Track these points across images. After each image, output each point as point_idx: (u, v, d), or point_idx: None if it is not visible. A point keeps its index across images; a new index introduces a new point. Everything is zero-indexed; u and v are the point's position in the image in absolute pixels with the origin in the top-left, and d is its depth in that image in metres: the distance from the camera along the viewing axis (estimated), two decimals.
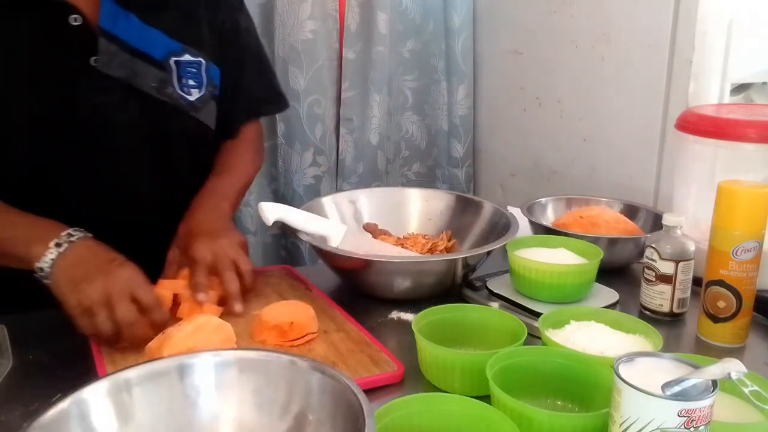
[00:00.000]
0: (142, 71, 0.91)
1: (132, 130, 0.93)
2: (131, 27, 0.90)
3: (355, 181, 1.71)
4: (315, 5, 1.54)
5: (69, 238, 0.79)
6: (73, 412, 0.53)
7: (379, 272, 0.93)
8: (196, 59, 0.96)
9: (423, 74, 1.80)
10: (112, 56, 0.88)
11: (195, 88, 0.96)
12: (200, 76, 0.97)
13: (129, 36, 0.90)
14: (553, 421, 0.60)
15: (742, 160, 0.95)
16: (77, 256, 0.78)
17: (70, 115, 0.88)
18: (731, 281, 0.81)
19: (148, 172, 0.97)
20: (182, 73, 0.94)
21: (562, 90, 1.51)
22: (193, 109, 0.97)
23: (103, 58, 0.88)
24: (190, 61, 0.95)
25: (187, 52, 0.95)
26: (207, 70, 0.98)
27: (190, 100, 0.96)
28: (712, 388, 0.52)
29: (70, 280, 0.76)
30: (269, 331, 0.79)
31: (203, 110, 0.99)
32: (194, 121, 0.98)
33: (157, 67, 0.92)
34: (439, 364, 0.72)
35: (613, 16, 1.35)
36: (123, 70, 0.89)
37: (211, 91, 0.99)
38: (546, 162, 1.60)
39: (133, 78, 0.90)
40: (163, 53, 0.93)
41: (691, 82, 1.20)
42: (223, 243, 0.88)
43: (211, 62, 0.98)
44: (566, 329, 0.77)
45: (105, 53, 0.88)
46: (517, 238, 0.96)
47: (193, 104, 0.96)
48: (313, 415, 0.56)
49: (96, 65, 0.88)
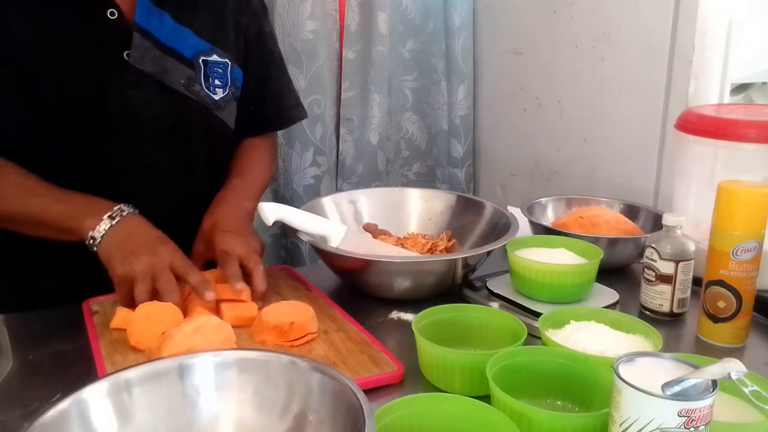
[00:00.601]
0: (172, 68, 0.93)
1: (158, 124, 0.95)
2: (164, 24, 0.92)
3: (355, 181, 1.71)
4: (315, 5, 1.54)
5: (121, 212, 0.87)
6: (73, 412, 0.53)
7: (379, 272, 0.93)
8: (222, 60, 0.98)
9: (423, 74, 1.80)
10: (145, 52, 0.91)
11: (220, 88, 0.99)
12: (226, 77, 0.99)
13: (161, 33, 0.92)
14: (553, 421, 0.60)
15: (742, 160, 0.95)
16: (127, 230, 0.86)
17: (100, 107, 0.90)
18: (731, 281, 0.81)
19: (169, 165, 0.99)
20: (209, 72, 0.97)
21: (562, 90, 1.51)
22: (217, 108, 0.99)
23: (136, 53, 0.90)
24: (217, 62, 0.98)
25: (215, 53, 0.97)
26: (232, 71, 1.00)
27: (215, 99, 0.99)
28: (712, 388, 0.52)
29: (119, 250, 0.84)
30: (269, 332, 0.79)
31: (226, 110, 1.01)
32: (216, 119, 1.00)
33: (186, 64, 0.95)
34: (439, 364, 0.72)
35: (613, 16, 1.35)
36: (154, 66, 0.92)
37: (234, 93, 1.02)
38: (546, 162, 1.60)
39: (163, 74, 0.93)
40: (192, 52, 0.95)
41: (691, 82, 1.20)
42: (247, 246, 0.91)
43: (235, 64, 1.01)
44: (566, 329, 0.77)
45: (138, 48, 0.90)
46: (517, 238, 0.96)
47: (217, 103, 0.99)
48: (313, 416, 0.56)
49: (129, 60, 0.90)
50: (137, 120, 0.93)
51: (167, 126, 0.96)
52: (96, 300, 0.90)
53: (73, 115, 0.90)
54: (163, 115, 0.95)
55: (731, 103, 1.21)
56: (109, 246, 0.85)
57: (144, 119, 0.93)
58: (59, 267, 0.97)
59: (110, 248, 0.85)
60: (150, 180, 0.98)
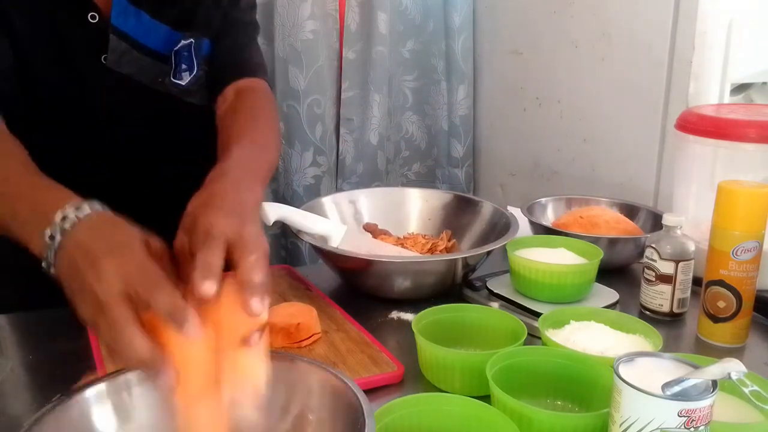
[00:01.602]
0: (147, 66, 0.92)
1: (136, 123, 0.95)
2: (141, 24, 0.91)
3: (355, 181, 1.71)
4: (315, 5, 1.54)
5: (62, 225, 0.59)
6: (73, 412, 0.53)
7: (379, 272, 0.93)
8: (186, 42, 0.94)
9: (423, 74, 1.80)
10: (122, 54, 0.89)
11: (186, 72, 0.95)
12: (191, 59, 0.96)
13: (138, 33, 0.90)
14: (553, 421, 0.60)
15: (742, 160, 0.95)
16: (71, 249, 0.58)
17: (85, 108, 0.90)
18: (731, 281, 0.81)
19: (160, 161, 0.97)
20: (178, 60, 0.94)
21: (562, 90, 1.51)
22: (187, 94, 0.96)
23: (113, 56, 0.89)
24: (183, 46, 0.94)
25: (182, 38, 0.94)
26: (197, 48, 0.96)
27: (182, 86, 0.95)
28: (712, 388, 0.52)
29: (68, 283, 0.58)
30: (276, 334, 0.79)
31: (198, 93, 0.97)
32: (187, 105, 0.97)
33: (163, 61, 0.93)
34: (439, 364, 0.72)
35: (613, 16, 1.35)
36: (130, 67, 0.90)
37: (205, 69, 0.97)
38: (546, 162, 1.60)
39: (139, 74, 0.91)
40: (168, 47, 0.93)
41: (691, 82, 1.20)
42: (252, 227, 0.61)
43: (203, 38, 0.96)
44: (566, 329, 0.77)
45: (115, 51, 0.89)
46: (517, 238, 0.96)
47: (186, 88, 0.96)
48: (313, 416, 0.56)
49: (107, 63, 0.89)
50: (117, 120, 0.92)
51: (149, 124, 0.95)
52: None
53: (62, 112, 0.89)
54: (144, 114, 0.94)
55: (731, 103, 1.20)
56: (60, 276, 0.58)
57: (127, 119, 0.93)
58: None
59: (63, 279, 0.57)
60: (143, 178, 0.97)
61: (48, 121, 0.90)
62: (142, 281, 0.53)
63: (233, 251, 0.57)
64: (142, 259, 0.55)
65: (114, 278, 0.53)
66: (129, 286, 0.53)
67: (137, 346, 0.51)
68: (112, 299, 0.52)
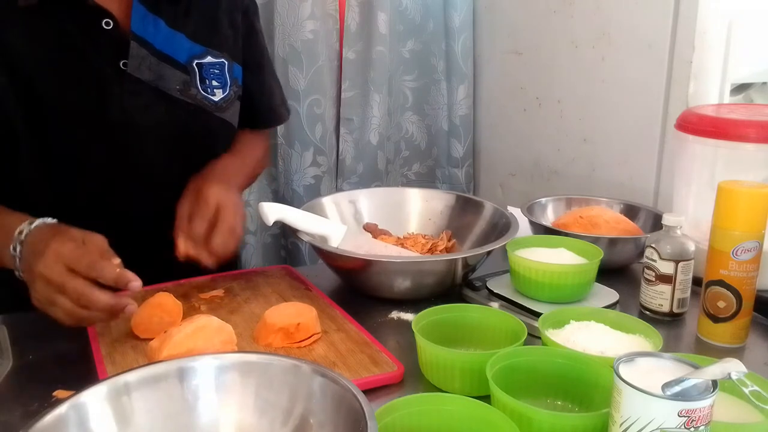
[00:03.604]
0: (167, 74, 0.93)
1: (158, 130, 0.95)
2: (159, 31, 0.92)
3: (355, 181, 1.71)
4: (315, 5, 1.54)
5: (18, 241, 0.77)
6: (72, 415, 0.53)
7: (379, 272, 0.93)
8: (218, 60, 0.98)
9: (423, 74, 1.80)
10: (142, 60, 0.90)
11: (219, 89, 0.98)
12: (224, 77, 0.99)
13: (156, 40, 0.92)
14: (553, 421, 0.60)
15: (742, 160, 0.95)
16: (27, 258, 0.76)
17: (100, 116, 0.90)
18: (731, 281, 0.81)
19: (175, 170, 0.98)
20: (205, 74, 0.97)
21: (562, 90, 1.51)
22: (218, 110, 0.99)
23: (133, 62, 0.90)
24: (213, 63, 0.97)
25: (209, 54, 0.97)
26: (230, 70, 1.00)
27: (214, 101, 0.98)
28: (712, 388, 0.52)
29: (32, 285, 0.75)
30: (275, 334, 0.79)
31: (229, 110, 1.01)
32: (218, 120, 1.00)
33: (181, 70, 0.94)
34: (439, 364, 0.72)
35: (613, 16, 1.35)
36: (150, 73, 0.91)
37: (236, 91, 1.02)
38: (546, 162, 1.60)
39: (159, 81, 0.92)
40: (186, 56, 0.95)
41: (691, 82, 1.20)
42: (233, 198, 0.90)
43: (234, 62, 1.01)
44: (566, 329, 0.77)
45: (135, 57, 0.90)
46: (517, 238, 0.96)
47: (217, 104, 0.99)
48: (315, 419, 0.56)
49: (126, 69, 0.89)
50: (138, 128, 0.93)
51: (168, 132, 0.96)
52: None
53: (74, 124, 0.89)
54: (163, 121, 0.94)
55: (731, 103, 1.20)
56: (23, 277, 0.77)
57: (144, 126, 0.93)
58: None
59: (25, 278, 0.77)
60: (155, 187, 0.97)
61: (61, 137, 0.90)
62: (81, 261, 0.71)
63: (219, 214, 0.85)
64: (77, 245, 0.73)
65: (57, 262, 0.71)
66: (72, 265, 0.71)
67: (103, 298, 0.71)
68: (65, 276, 0.70)
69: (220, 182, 0.91)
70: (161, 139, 0.96)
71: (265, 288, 0.96)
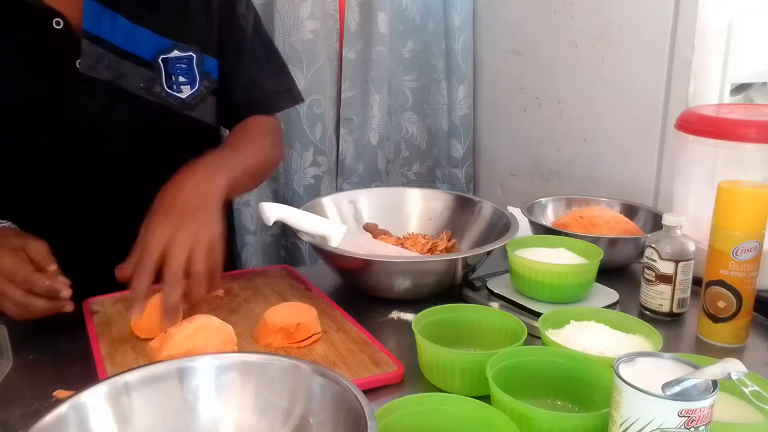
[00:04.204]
0: (130, 72, 0.90)
1: (121, 132, 0.92)
2: (118, 28, 0.89)
3: (355, 181, 1.71)
4: (315, 5, 1.54)
5: None
6: (72, 416, 0.53)
7: (379, 272, 0.93)
8: (185, 54, 0.93)
9: (423, 74, 1.80)
10: (98, 58, 0.88)
11: (186, 85, 0.93)
12: (192, 72, 0.94)
13: (115, 37, 0.89)
14: (553, 421, 0.60)
15: (742, 160, 0.95)
16: None
17: (58, 119, 0.88)
18: (731, 281, 0.81)
19: (141, 174, 0.93)
20: (171, 70, 0.92)
21: (562, 90, 1.51)
22: (186, 107, 0.94)
23: (87, 61, 0.87)
24: (179, 57, 0.92)
25: (176, 48, 0.92)
26: (200, 64, 0.95)
27: (181, 98, 0.93)
28: (712, 388, 0.52)
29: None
30: (275, 334, 0.79)
31: (198, 108, 0.96)
32: (187, 119, 0.95)
33: (146, 67, 0.91)
34: (439, 364, 0.72)
35: (613, 16, 1.35)
36: (109, 72, 0.89)
37: (208, 87, 0.97)
38: (546, 162, 1.60)
39: (120, 80, 0.89)
40: (152, 52, 0.91)
41: (691, 82, 1.20)
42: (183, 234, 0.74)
43: (206, 55, 0.95)
44: (566, 329, 0.77)
45: (89, 56, 0.87)
46: (517, 238, 0.96)
47: (185, 102, 0.94)
48: (315, 419, 0.56)
49: (80, 68, 0.87)
50: (98, 129, 0.90)
51: (132, 132, 0.92)
52: (96, 300, 0.90)
53: (35, 128, 0.88)
54: (125, 122, 0.91)
55: (731, 103, 1.20)
56: None
57: (105, 127, 0.91)
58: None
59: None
60: (121, 191, 0.94)
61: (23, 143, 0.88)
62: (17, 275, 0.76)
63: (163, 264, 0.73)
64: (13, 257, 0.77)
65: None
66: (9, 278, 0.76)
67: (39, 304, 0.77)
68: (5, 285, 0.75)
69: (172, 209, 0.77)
70: (126, 141, 0.92)
71: (265, 288, 0.96)
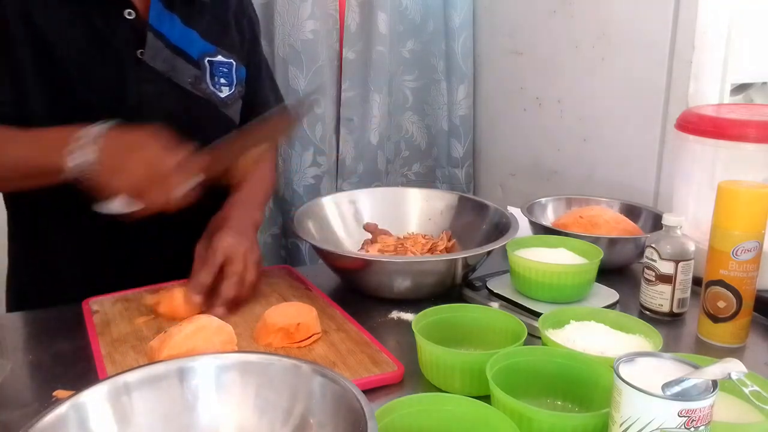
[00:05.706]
0: (180, 67, 0.97)
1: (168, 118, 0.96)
2: (174, 27, 0.97)
3: (355, 181, 1.71)
4: (315, 5, 1.54)
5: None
6: (72, 415, 0.53)
7: (379, 272, 0.93)
8: (227, 60, 1.03)
9: (423, 74, 1.80)
10: (157, 51, 0.95)
11: (226, 86, 1.03)
12: (231, 76, 1.04)
13: (171, 34, 0.97)
14: (553, 421, 0.60)
15: (742, 160, 0.95)
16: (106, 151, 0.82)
17: (118, 99, 0.93)
18: (731, 281, 0.81)
19: None
20: (215, 71, 1.01)
21: (562, 90, 1.51)
22: (224, 105, 1.03)
23: (149, 52, 0.94)
24: (222, 62, 1.02)
25: (219, 54, 1.02)
26: (237, 71, 1.05)
27: (221, 97, 1.02)
28: (712, 388, 0.52)
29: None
30: (275, 334, 0.79)
31: (232, 107, 1.05)
32: (223, 116, 1.04)
33: (193, 64, 0.99)
34: (439, 364, 0.72)
35: (613, 16, 1.35)
36: (164, 65, 0.96)
37: (240, 91, 1.06)
38: (546, 162, 1.60)
39: (172, 72, 0.97)
40: (198, 53, 1.00)
41: (691, 82, 1.20)
42: (243, 248, 0.91)
43: (240, 64, 1.05)
44: (566, 329, 0.77)
45: (151, 47, 0.94)
46: (517, 238, 0.96)
47: (223, 101, 1.03)
48: (315, 419, 0.56)
49: (143, 57, 0.94)
50: (151, 113, 0.95)
51: (178, 120, 0.96)
52: (96, 300, 0.90)
53: (94, 105, 0.92)
54: (174, 110, 0.98)
55: (731, 103, 1.21)
56: (102, 164, 0.82)
57: (158, 113, 0.96)
58: (59, 267, 0.97)
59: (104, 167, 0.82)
60: None
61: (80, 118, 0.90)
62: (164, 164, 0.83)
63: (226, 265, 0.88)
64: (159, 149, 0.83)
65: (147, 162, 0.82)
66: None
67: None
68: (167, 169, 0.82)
69: (233, 228, 0.93)
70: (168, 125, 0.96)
71: (265, 288, 0.96)
